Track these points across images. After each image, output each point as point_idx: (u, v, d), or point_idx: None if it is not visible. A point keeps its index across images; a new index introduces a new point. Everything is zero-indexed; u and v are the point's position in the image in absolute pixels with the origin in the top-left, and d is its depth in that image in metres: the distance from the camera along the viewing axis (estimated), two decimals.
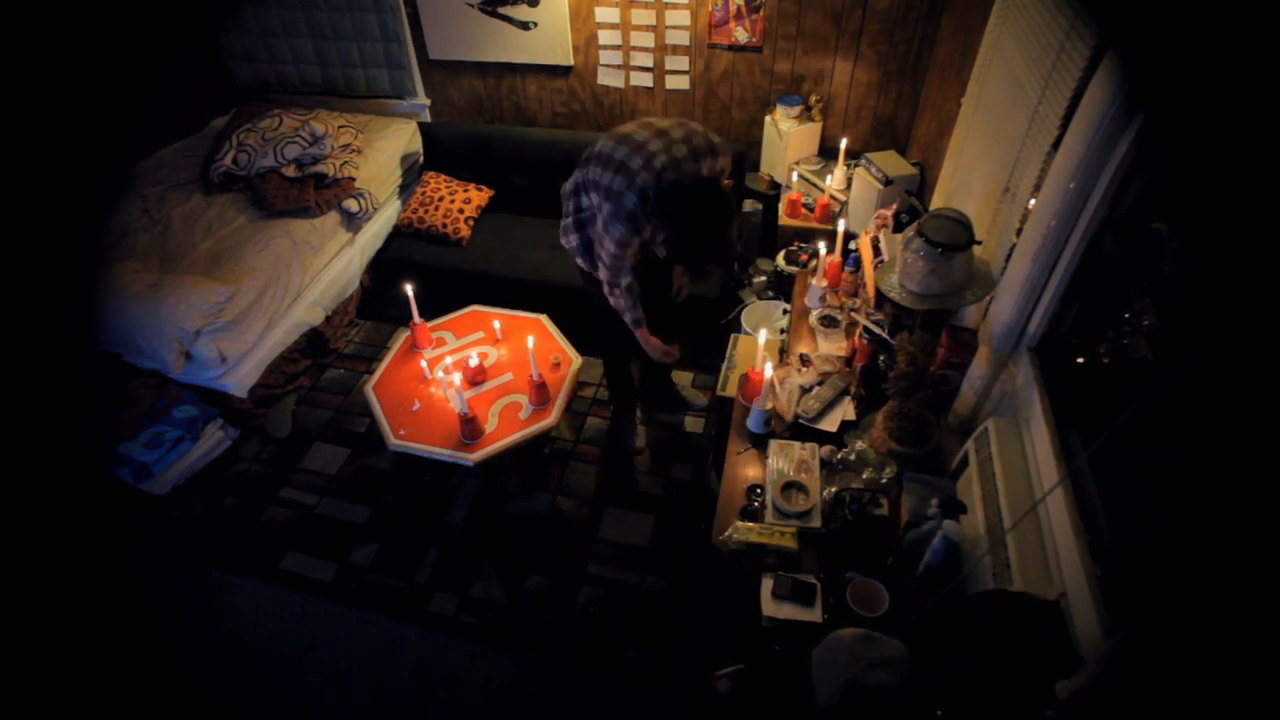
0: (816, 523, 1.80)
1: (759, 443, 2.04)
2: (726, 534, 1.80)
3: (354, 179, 3.60)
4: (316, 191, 3.48)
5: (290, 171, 3.53)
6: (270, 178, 3.50)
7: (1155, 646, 1.04)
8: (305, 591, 2.62)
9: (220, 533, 2.84)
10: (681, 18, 3.35)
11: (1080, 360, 1.58)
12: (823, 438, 2.02)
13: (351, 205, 3.54)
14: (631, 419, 3.06)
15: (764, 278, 3.52)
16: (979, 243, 1.78)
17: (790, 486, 1.87)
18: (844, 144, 3.27)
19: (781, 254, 3.27)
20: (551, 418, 2.54)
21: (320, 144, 3.56)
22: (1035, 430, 1.60)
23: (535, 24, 3.53)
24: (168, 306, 2.85)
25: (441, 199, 3.59)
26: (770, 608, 1.66)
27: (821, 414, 2.06)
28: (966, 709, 1.31)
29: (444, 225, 3.53)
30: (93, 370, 3.00)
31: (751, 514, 1.85)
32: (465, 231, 3.55)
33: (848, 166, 3.24)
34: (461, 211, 3.56)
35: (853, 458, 1.93)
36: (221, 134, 3.72)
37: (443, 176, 3.71)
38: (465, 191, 3.64)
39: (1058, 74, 1.60)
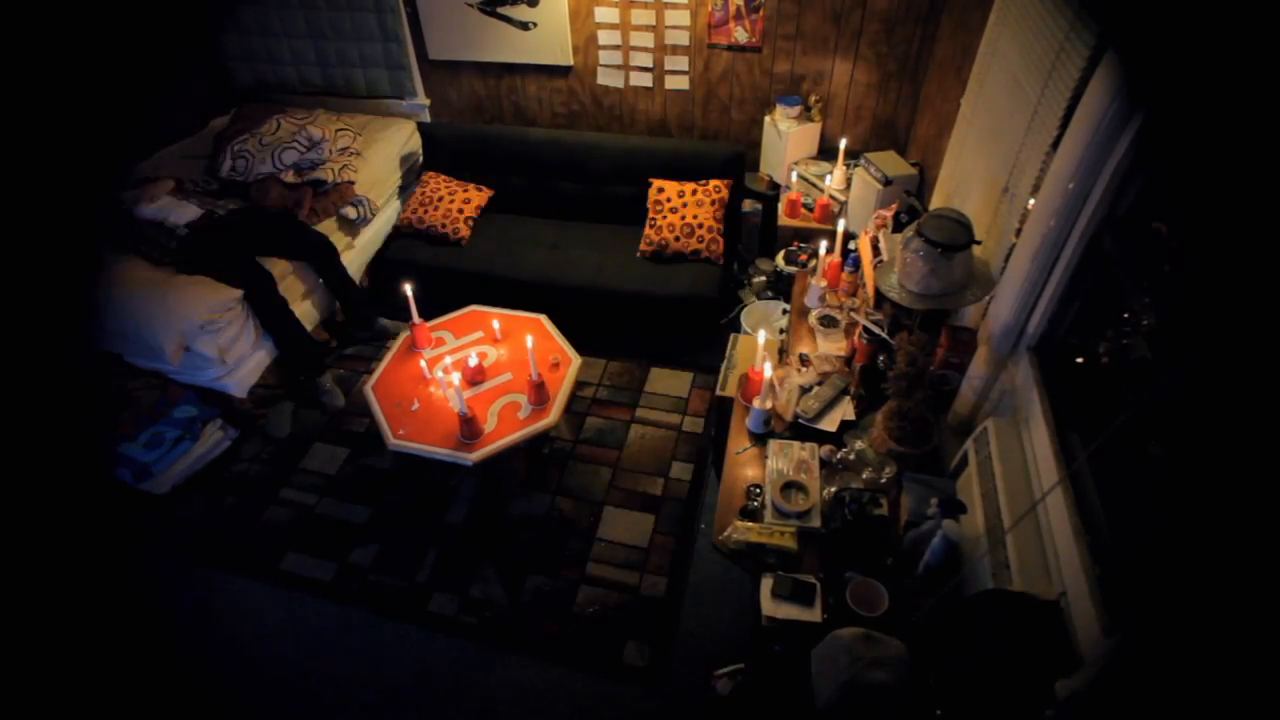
0: (816, 523, 1.80)
1: (759, 442, 2.04)
2: (726, 534, 1.80)
3: (353, 183, 3.60)
4: (314, 199, 3.47)
5: (289, 177, 3.53)
6: (269, 184, 3.49)
7: (1155, 646, 1.04)
8: (305, 591, 2.62)
9: (220, 533, 2.83)
10: (681, 18, 3.35)
11: (1080, 360, 1.58)
12: (822, 438, 2.02)
13: (350, 213, 3.53)
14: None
15: (764, 278, 3.52)
16: (978, 243, 1.78)
17: (790, 486, 1.87)
18: (843, 144, 3.27)
19: (781, 254, 3.27)
20: (550, 417, 2.54)
21: (318, 149, 3.56)
22: (1035, 430, 1.60)
23: (535, 24, 3.54)
24: (175, 300, 2.89)
25: (441, 199, 3.59)
26: (770, 608, 1.66)
27: (821, 414, 2.06)
28: (966, 709, 1.31)
29: (444, 225, 3.53)
30: (93, 370, 3.00)
31: (751, 514, 1.85)
32: (465, 231, 3.55)
33: (847, 166, 3.24)
34: (461, 211, 3.56)
35: (852, 458, 1.93)
36: (219, 138, 3.72)
37: (442, 177, 3.71)
38: (465, 191, 3.64)
39: (1057, 74, 1.60)
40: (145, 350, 2.95)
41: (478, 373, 2.67)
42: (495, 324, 2.88)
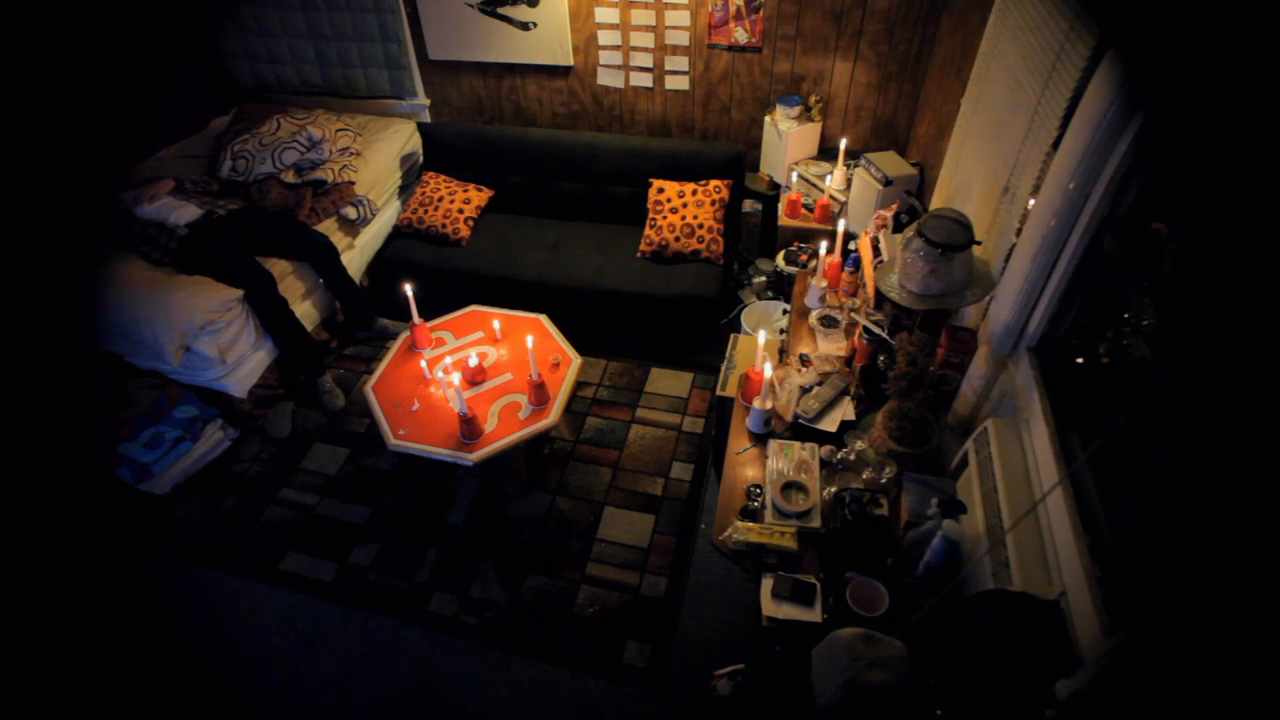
0: (816, 523, 1.80)
1: (759, 442, 2.04)
2: (726, 534, 1.80)
3: (353, 183, 3.60)
4: (314, 199, 3.47)
5: (289, 177, 3.53)
6: (269, 184, 3.49)
7: (1155, 646, 1.04)
8: (305, 591, 2.62)
9: (220, 533, 2.83)
10: (681, 18, 3.35)
11: (1080, 360, 1.58)
12: (823, 438, 2.02)
13: (350, 213, 3.53)
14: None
15: (764, 278, 3.53)
16: (979, 243, 1.78)
17: (790, 486, 1.87)
18: (844, 144, 3.27)
19: (781, 254, 3.27)
20: (551, 417, 2.54)
21: (318, 149, 3.56)
22: (1035, 430, 1.60)
23: (535, 24, 3.54)
24: (176, 300, 2.88)
25: (441, 199, 3.59)
26: (770, 608, 1.66)
27: (821, 414, 2.06)
28: (966, 709, 1.31)
29: (444, 225, 3.53)
30: (93, 370, 3.00)
31: (751, 514, 1.85)
32: (465, 231, 3.55)
33: (847, 167, 3.24)
34: (461, 212, 3.56)
35: (853, 458, 1.93)
36: (220, 138, 3.72)
37: (442, 177, 3.71)
38: (465, 191, 3.64)
39: (1057, 74, 1.60)
40: (145, 350, 2.95)
41: (478, 373, 2.67)
42: (495, 324, 2.88)
